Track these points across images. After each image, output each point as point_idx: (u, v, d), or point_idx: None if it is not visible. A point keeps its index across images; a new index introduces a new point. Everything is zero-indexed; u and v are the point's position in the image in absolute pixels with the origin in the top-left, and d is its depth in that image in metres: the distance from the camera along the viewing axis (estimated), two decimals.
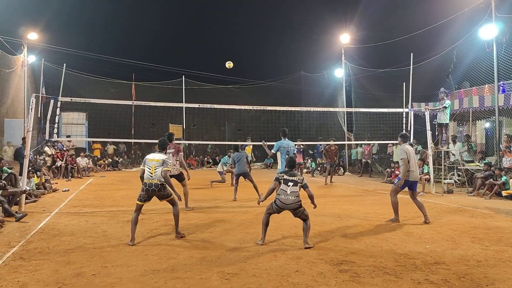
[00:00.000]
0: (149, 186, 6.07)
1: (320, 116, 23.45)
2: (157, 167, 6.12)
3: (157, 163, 6.15)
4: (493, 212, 8.78)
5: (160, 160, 6.17)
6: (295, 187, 5.89)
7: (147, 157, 6.31)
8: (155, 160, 6.19)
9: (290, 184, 5.89)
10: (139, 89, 26.20)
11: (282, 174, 6.08)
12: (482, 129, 17.78)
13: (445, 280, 4.34)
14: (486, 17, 12.97)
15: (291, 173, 6.11)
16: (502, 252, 5.44)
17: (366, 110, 17.52)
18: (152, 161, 6.19)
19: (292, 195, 5.85)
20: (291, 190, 5.86)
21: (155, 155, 6.32)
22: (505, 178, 11.12)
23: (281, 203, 5.87)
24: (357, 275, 4.50)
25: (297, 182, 5.92)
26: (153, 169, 6.12)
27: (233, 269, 4.71)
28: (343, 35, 22.00)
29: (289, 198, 5.83)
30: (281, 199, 5.88)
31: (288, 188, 5.86)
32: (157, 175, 6.08)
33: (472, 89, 15.99)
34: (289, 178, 5.96)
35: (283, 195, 5.87)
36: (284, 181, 5.94)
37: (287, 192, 5.85)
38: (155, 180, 6.08)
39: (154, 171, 6.10)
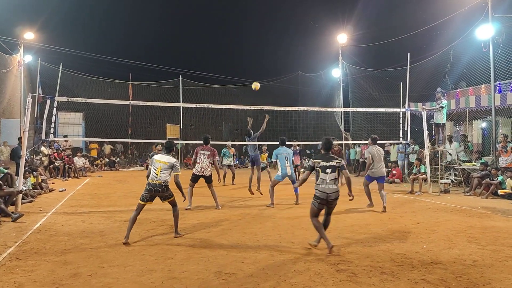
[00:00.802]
0: (153, 186, 6.12)
1: (317, 116, 23.46)
2: (164, 169, 6.19)
3: (164, 165, 6.21)
4: (489, 211, 8.81)
5: (168, 162, 6.23)
6: (334, 174, 5.33)
7: (154, 158, 6.36)
8: (163, 162, 6.23)
9: (328, 170, 5.30)
10: (136, 89, 26.15)
11: (317, 161, 5.45)
12: (479, 129, 17.84)
13: (442, 279, 4.35)
14: (483, 17, 13.00)
15: (328, 156, 5.50)
16: (498, 251, 5.46)
17: (363, 110, 17.53)
18: (159, 162, 6.23)
19: (332, 183, 5.31)
20: (331, 178, 5.30)
21: (162, 156, 6.35)
22: (502, 177, 11.16)
23: (325, 193, 5.28)
24: (354, 275, 4.50)
25: (336, 167, 5.36)
26: (159, 170, 6.17)
27: (230, 269, 4.71)
28: (340, 35, 22.01)
29: (329, 187, 5.27)
30: (321, 189, 5.29)
31: (327, 176, 5.29)
32: (162, 177, 6.15)
33: (469, 89, 16.04)
34: (326, 164, 5.33)
35: (323, 184, 5.28)
36: (322, 168, 5.33)
37: (327, 180, 5.28)
38: (159, 181, 6.13)
39: (160, 172, 6.16)
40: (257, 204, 9.80)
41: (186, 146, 26.98)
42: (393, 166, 16.14)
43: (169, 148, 6.58)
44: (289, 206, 9.52)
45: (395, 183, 15.17)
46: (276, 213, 8.60)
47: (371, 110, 16.29)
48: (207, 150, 9.15)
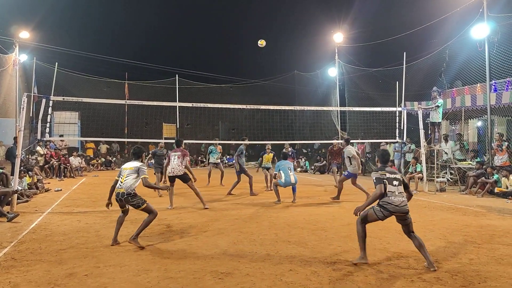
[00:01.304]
0: (116, 195, 5.79)
1: (313, 115, 23.51)
2: (129, 174, 5.80)
3: (130, 170, 5.84)
4: (485, 210, 8.85)
5: (133, 167, 5.86)
6: (401, 187, 4.95)
7: (122, 166, 6.05)
8: (128, 168, 5.90)
9: (395, 183, 4.95)
10: (132, 88, 26.07)
11: (383, 173, 5.04)
12: (474, 128, 17.91)
13: (438, 278, 4.37)
14: (478, 17, 13.05)
15: (390, 169, 5.15)
16: (494, 250, 5.48)
17: (360, 109, 17.57)
18: (125, 170, 5.91)
19: (401, 196, 4.89)
20: (399, 191, 4.91)
21: (129, 163, 6.03)
22: (497, 176, 11.22)
23: (393, 206, 4.81)
24: (351, 274, 4.51)
25: (401, 181, 5.01)
26: (124, 177, 5.81)
27: (226, 269, 4.70)
28: (336, 34, 22.04)
29: (399, 199, 4.86)
30: (391, 201, 4.84)
31: (396, 188, 4.90)
32: (126, 184, 5.73)
33: (464, 88, 16.10)
34: (392, 176, 5.00)
35: (392, 197, 4.86)
36: (389, 180, 4.95)
37: (396, 192, 4.88)
38: (122, 189, 5.72)
39: (124, 179, 5.78)
40: (253, 203, 9.80)
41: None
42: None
43: (137, 154, 6.21)
44: (285, 206, 9.52)
45: None
46: (272, 212, 8.60)
47: (368, 109, 16.34)
48: (178, 151, 9.30)
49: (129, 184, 5.73)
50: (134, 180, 5.79)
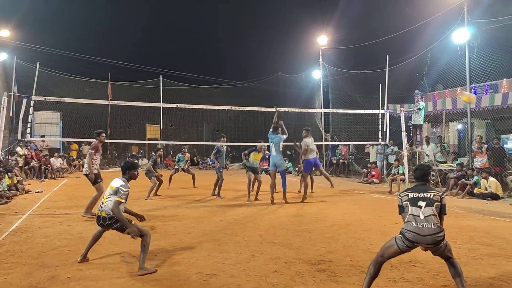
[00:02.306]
0: (97, 219, 4.95)
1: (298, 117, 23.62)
2: (110, 195, 4.91)
3: (111, 190, 4.94)
4: (465, 211, 9.04)
5: (114, 187, 4.92)
6: (430, 208, 3.84)
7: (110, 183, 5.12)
8: (111, 186, 4.98)
9: (421, 204, 3.87)
10: (115, 88, 25.80)
11: (406, 193, 4.07)
12: (455, 131, 18.30)
13: (420, 278, 4.45)
14: (459, 22, 13.35)
15: (421, 187, 4.08)
16: (474, 250, 5.61)
17: (343, 111, 17.76)
18: (109, 188, 5.00)
19: (430, 221, 3.78)
20: (426, 214, 3.82)
21: (114, 181, 5.02)
22: (477, 178, 11.47)
23: (415, 234, 3.77)
24: (335, 274, 4.55)
25: (434, 201, 3.89)
26: (106, 198, 4.93)
27: (211, 270, 4.69)
28: (320, 36, 22.23)
29: (425, 226, 3.77)
30: (412, 228, 3.80)
31: (421, 211, 3.84)
32: (107, 207, 4.83)
33: (445, 92, 16.45)
34: (417, 195, 3.95)
35: (414, 222, 3.82)
36: (411, 201, 3.94)
37: (420, 217, 3.82)
38: (103, 213, 4.86)
39: (106, 200, 4.91)
40: (238, 205, 9.80)
41: (167, 147, 26.76)
42: (372, 167, 16.38)
43: (123, 169, 5.14)
44: (270, 207, 9.54)
45: (374, 183, 15.40)
46: (257, 213, 8.61)
47: (351, 111, 16.52)
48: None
49: (109, 207, 4.84)
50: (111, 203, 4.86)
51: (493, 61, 12.67)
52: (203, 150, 28.14)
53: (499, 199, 10.74)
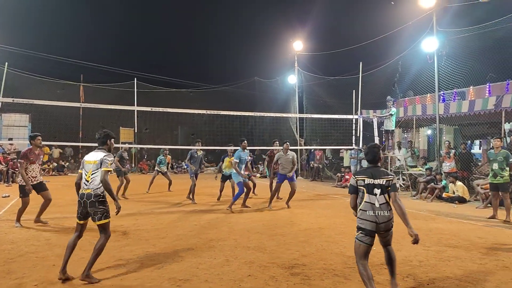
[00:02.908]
0: (81, 197, 4.58)
1: (273, 121, 23.79)
2: (94, 171, 4.56)
3: (94, 165, 4.57)
4: (434, 214, 9.30)
5: (97, 160, 4.57)
6: (384, 196, 3.95)
7: (84, 159, 4.72)
8: (92, 162, 4.60)
9: (376, 191, 3.95)
10: (88, 90, 25.26)
11: (362, 177, 4.07)
12: (425, 136, 18.82)
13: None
14: (428, 31, 13.78)
15: (375, 170, 4.09)
16: (442, 252, 5.78)
17: (318, 116, 17.98)
18: (89, 164, 4.62)
19: (384, 209, 3.92)
20: (381, 202, 3.93)
21: (94, 154, 4.69)
22: (445, 182, 11.82)
23: (371, 223, 3.89)
24: (308, 278, 4.60)
25: (386, 187, 3.97)
26: (89, 174, 4.56)
27: (185, 275, 4.65)
28: (296, 42, 22.48)
29: (380, 214, 3.90)
30: (368, 217, 3.91)
31: (376, 199, 3.94)
32: (94, 183, 4.53)
33: (416, 98, 16.90)
34: (373, 182, 3.99)
35: (370, 211, 3.92)
36: (368, 188, 3.99)
37: (376, 205, 3.92)
38: (88, 190, 4.52)
39: (90, 177, 4.55)
40: (213, 209, 9.75)
41: (141, 151, 26.39)
42: (346, 171, 16.62)
43: (102, 140, 4.80)
44: (245, 211, 9.55)
45: (348, 187, 15.60)
46: (231, 218, 8.60)
47: (325, 116, 16.75)
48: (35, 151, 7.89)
49: (97, 182, 4.52)
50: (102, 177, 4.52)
51: (460, 69, 13.14)
52: (178, 154, 27.88)
53: (466, 203, 11.10)
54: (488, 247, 6.11)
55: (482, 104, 12.58)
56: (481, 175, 12.28)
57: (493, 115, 12.64)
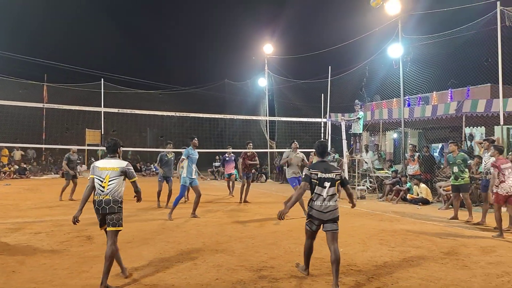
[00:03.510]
0: (98, 204, 4.51)
1: (243, 124, 23.79)
2: (114, 178, 4.55)
3: (114, 172, 4.56)
4: (399, 215, 9.55)
5: (117, 168, 4.58)
6: (332, 188, 4.47)
7: (96, 165, 4.64)
8: (110, 168, 4.58)
9: (326, 184, 4.42)
10: (52, 91, 24.45)
11: (314, 171, 4.49)
12: (391, 139, 19.33)
13: (356, 281, 4.63)
14: (394, 37, 14.19)
15: (327, 166, 4.58)
16: (406, 252, 5.93)
17: (287, 119, 18.14)
18: (106, 170, 4.57)
19: (331, 199, 4.46)
20: (329, 193, 4.44)
21: (108, 161, 4.67)
22: (410, 184, 12.17)
23: (319, 212, 4.41)
24: (276, 280, 4.61)
25: (335, 180, 4.49)
26: (107, 181, 4.52)
27: (151, 280, 4.57)
28: (266, 45, 22.61)
29: (327, 204, 4.42)
30: (316, 207, 4.43)
31: (325, 191, 4.42)
32: (112, 190, 4.52)
33: (382, 102, 17.36)
34: (324, 176, 4.46)
35: (318, 201, 4.43)
36: (319, 181, 4.45)
37: (324, 196, 4.42)
38: (107, 196, 4.50)
39: (108, 183, 4.52)
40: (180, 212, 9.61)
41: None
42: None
43: (113, 148, 4.80)
44: (214, 214, 9.49)
45: None
46: (200, 220, 8.53)
47: (295, 119, 16.91)
48: None
49: (114, 190, 4.52)
50: (120, 186, 4.60)
51: (424, 75, 13.61)
52: (146, 156, 27.43)
53: (429, 204, 11.47)
54: (449, 247, 6.33)
55: (444, 109, 13.05)
56: (443, 177, 12.72)
57: (455, 120, 13.14)
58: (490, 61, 11.59)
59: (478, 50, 12.41)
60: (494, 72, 11.13)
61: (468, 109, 12.22)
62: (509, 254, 5.89)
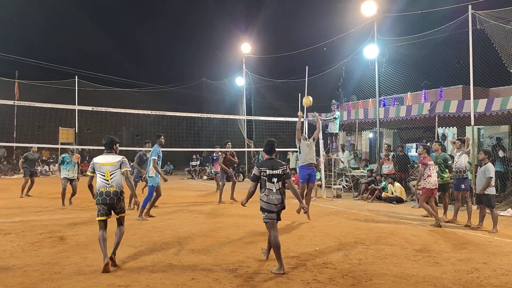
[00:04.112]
0: (106, 195, 5.05)
1: (221, 123, 23.72)
2: (114, 171, 5.13)
3: (112, 166, 5.16)
4: (374, 214, 9.71)
5: (115, 162, 5.19)
6: (279, 183, 5.01)
7: (95, 162, 5.19)
8: (109, 163, 5.17)
9: (274, 180, 4.97)
10: (23, 88, 23.75)
11: (263, 169, 5.01)
12: (367, 139, 19.64)
13: (331, 278, 4.67)
14: (370, 38, 14.41)
15: (274, 162, 5.10)
16: (380, 250, 6.04)
17: (265, 119, 18.17)
18: (106, 166, 5.15)
19: (278, 193, 4.99)
20: (277, 188, 4.98)
21: (105, 157, 5.26)
22: (384, 183, 12.39)
23: (270, 204, 4.95)
24: (251, 279, 4.61)
25: (281, 175, 5.02)
26: (108, 175, 5.11)
27: (125, 281, 4.49)
28: (244, 44, 22.60)
29: (275, 197, 4.96)
30: (269, 200, 4.96)
31: (273, 186, 4.96)
32: (116, 181, 5.11)
33: (359, 102, 17.61)
34: (272, 172, 4.98)
35: (269, 196, 4.96)
36: (268, 177, 4.98)
37: (273, 190, 4.96)
38: (113, 188, 5.09)
39: (110, 177, 5.10)
40: (157, 212, 9.50)
41: (82, 152, 25.21)
42: (292, 173, 16.91)
43: (109, 145, 5.37)
44: (190, 214, 9.42)
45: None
46: (177, 220, 8.45)
47: (272, 118, 16.96)
48: None
49: (118, 180, 5.13)
50: (120, 177, 5.17)
51: (399, 76, 13.89)
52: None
53: (403, 203, 11.70)
54: (422, 244, 6.47)
55: (418, 109, 13.33)
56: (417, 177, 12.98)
57: (428, 120, 13.44)
58: (462, 63, 11.91)
59: (450, 52, 12.74)
60: (466, 74, 11.43)
61: (441, 110, 12.52)
62: (478, 251, 6.08)
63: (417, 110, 13.34)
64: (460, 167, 8.52)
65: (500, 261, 5.51)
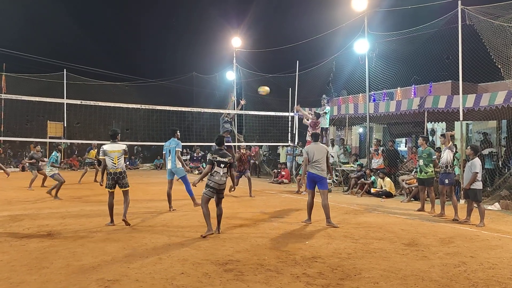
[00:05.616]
0: (114, 174, 7.06)
1: (211, 117, 23.63)
2: (119, 157, 7.11)
3: (119, 153, 7.12)
4: (363, 208, 9.78)
5: (120, 150, 7.16)
6: (225, 168, 6.45)
7: (105, 149, 7.08)
8: (116, 150, 7.12)
9: (222, 165, 6.39)
10: (11, 81, 23.39)
11: (215, 156, 6.40)
12: (357, 134, 19.75)
13: (320, 272, 4.71)
14: (360, 33, 14.44)
15: (223, 153, 6.50)
16: (368, 244, 6.09)
17: (255, 113, 18.16)
18: (113, 152, 7.09)
19: (224, 176, 6.43)
20: (223, 172, 6.40)
21: (113, 145, 7.16)
22: (374, 178, 12.49)
23: (217, 184, 6.36)
24: (241, 274, 4.62)
25: (227, 163, 6.47)
26: (116, 159, 7.06)
27: (114, 276, 4.47)
28: (234, 38, 22.48)
29: (222, 179, 6.40)
30: (216, 180, 6.36)
31: (221, 170, 6.37)
32: (121, 164, 7.11)
33: (349, 97, 17.67)
34: (222, 159, 6.40)
35: (217, 177, 6.36)
36: (218, 163, 6.37)
37: (221, 173, 6.37)
38: (119, 169, 7.08)
39: (117, 161, 7.07)
40: (147, 206, 9.48)
41: (71, 146, 24.98)
42: (282, 167, 16.96)
43: (114, 135, 7.31)
44: (181, 209, 9.39)
45: (283, 183, 15.96)
46: (166, 215, 8.43)
47: (263, 113, 16.98)
48: None
49: (122, 164, 7.16)
50: (123, 161, 7.19)
51: (389, 71, 13.95)
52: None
53: (392, 197, 11.82)
54: (410, 238, 6.55)
55: (407, 105, 13.43)
56: (405, 171, 13.11)
57: (417, 115, 13.55)
58: (451, 58, 12.01)
59: (440, 47, 12.83)
60: (455, 69, 11.51)
61: (430, 105, 12.63)
62: (465, 245, 6.17)
63: (407, 105, 13.44)
64: (444, 162, 8.65)
65: (487, 255, 5.59)
